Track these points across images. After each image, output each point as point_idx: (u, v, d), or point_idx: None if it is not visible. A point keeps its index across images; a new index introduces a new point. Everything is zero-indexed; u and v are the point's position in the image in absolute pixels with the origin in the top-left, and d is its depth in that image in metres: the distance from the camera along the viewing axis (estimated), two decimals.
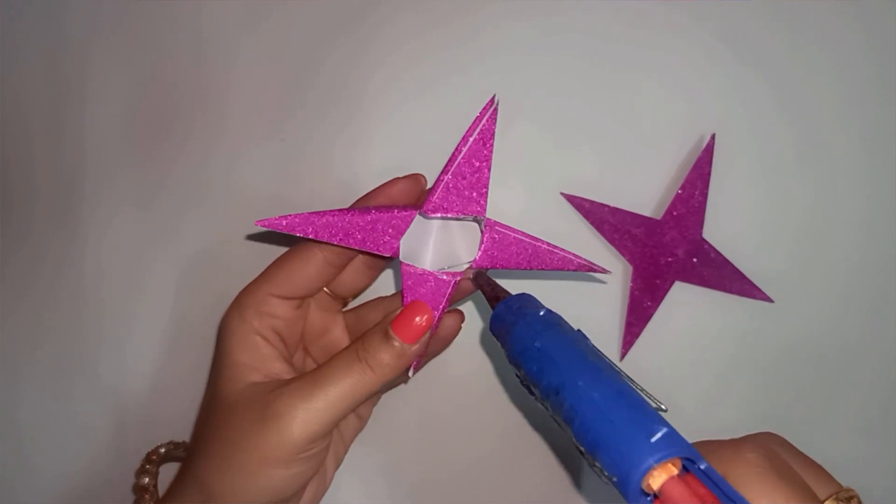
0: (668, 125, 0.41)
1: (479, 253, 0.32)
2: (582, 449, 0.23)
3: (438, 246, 0.33)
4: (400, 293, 0.35)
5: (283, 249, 0.41)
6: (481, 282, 0.32)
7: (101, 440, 0.42)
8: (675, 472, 0.21)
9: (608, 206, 0.39)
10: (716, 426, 0.38)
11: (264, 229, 0.41)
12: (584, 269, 0.33)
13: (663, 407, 0.25)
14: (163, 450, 0.35)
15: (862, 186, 0.41)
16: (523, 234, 0.33)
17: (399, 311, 0.31)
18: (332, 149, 0.42)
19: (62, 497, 0.42)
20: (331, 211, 0.31)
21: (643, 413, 0.22)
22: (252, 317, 0.32)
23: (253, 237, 0.42)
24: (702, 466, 0.21)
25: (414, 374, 0.33)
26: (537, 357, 0.26)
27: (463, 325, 0.34)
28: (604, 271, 0.34)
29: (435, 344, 0.34)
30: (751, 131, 0.41)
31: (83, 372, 0.42)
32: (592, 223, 0.40)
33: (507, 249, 0.33)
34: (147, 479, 0.32)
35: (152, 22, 0.42)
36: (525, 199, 0.41)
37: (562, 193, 0.40)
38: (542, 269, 0.33)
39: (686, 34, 0.41)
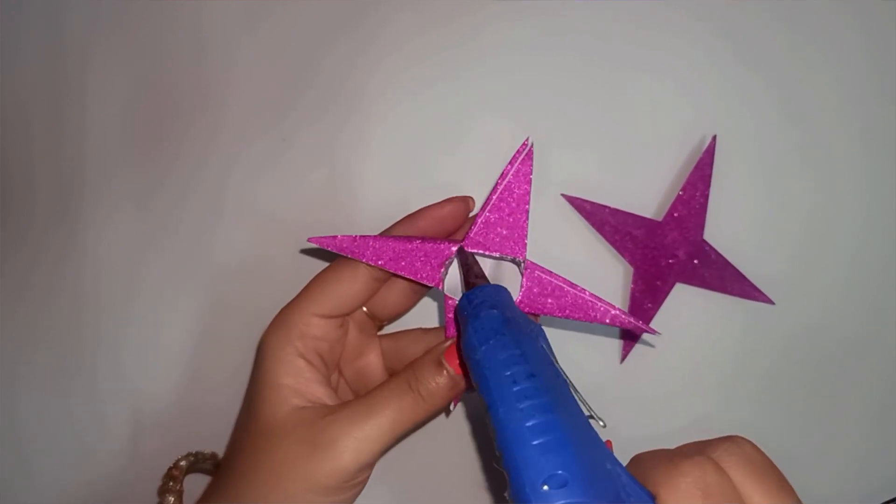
0: (669, 126, 0.41)
1: (519, 296, 0.32)
2: (500, 468, 0.23)
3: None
4: (442, 327, 0.35)
5: (284, 249, 0.41)
6: (459, 260, 0.32)
7: (100, 443, 0.42)
8: None
9: (609, 208, 0.39)
10: (717, 428, 0.38)
11: (264, 229, 0.41)
12: (627, 327, 0.32)
13: (601, 423, 0.25)
14: (183, 463, 0.34)
15: (862, 187, 0.41)
16: (564, 280, 0.32)
17: (451, 343, 0.31)
18: (332, 148, 0.42)
19: (62, 499, 0.42)
20: (380, 236, 0.32)
21: (549, 455, 0.22)
22: (296, 338, 0.32)
23: (252, 238, 0.42)
24: None
25: (454, 407, 0.33)
26: (476, 368, 0.25)
27: None
28: (652, 332, 0.33)
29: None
30: (751, 132, 0.41)
31: (82, 372, 0.42)
32: (593, 224, 0.40)
33: (547, 295, 0.32)
34: (172, 499, 0.31)
35: (152, 22, 0.42)
36: None
37: (562, 195, 0.40)
38: (583, 321, 0.32)
39: (687, 35, 0.41)
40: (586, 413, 0.25)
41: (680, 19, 0.40)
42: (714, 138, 0.39)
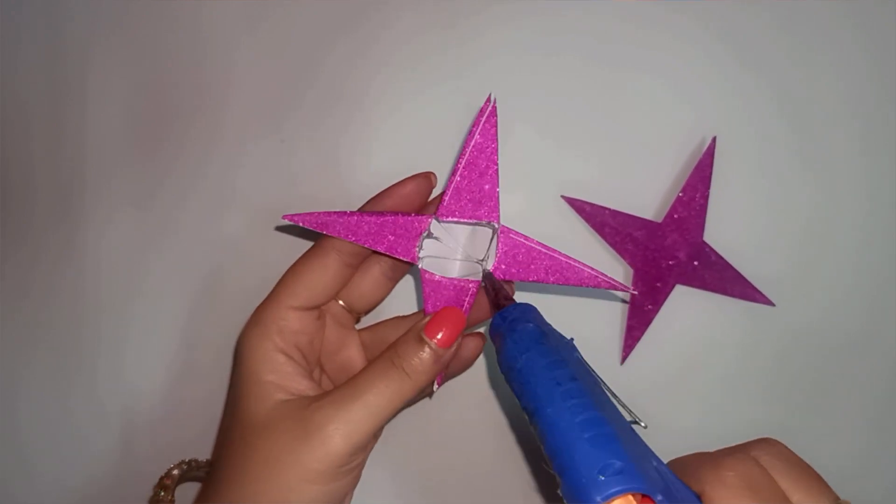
0: (670, 127, 0.41)
1: (496, 262, 0.32)
2: (551, 470, 0.24)
3: (458, 252, 0.33)
4: (420, 311, 0.35)
5: (283, 250, 0.41)
6: (487, 284, 0.32)
7: (100, 443, 0.42)
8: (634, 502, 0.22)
9: (609, 209, 0.39)
10: (718, 429, 0.38)
11: (264, 229, 0.41)
12: (603, 286, 0.33)
13: (642, 424, 0.25)
14: (176, 472, 0.34)
15: (862, 188, 0.41)
16: (539, 243, 0.32)
17: (430, 318, 0.31)
18: (332, 149, 0.42)
19: (61, 499, 0.42)
20: (359, 213, 0.32)
21: (602, 447, 0.23)
22: (274, 333, 0.32)
23: (252, 238, 0.42)
24: (657, 500, 0.22)
25: (438, 388, 0.33)
26: (518, 377, 0.26)
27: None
28: (626, 289, 0.33)
29: (457, 364, 0.34)
30: (751, 133, 0.41)
31: (81, 372, 0.42)
32: (593, 226, 0.40)
33: (523, 259, 0.32)
34: None
35: (152, 22, 0.42)
36: (526, 201, 0.41)
37: (562, 196, 0.40)
38: (560, 283, 0.32)
39: (687, 36, 0.41)
40: (627, 417, 0.26)
41: (680, 20, 0.41)
42: (714, 140, 0.39)
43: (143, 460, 0.41)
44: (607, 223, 0.39)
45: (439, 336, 0.30)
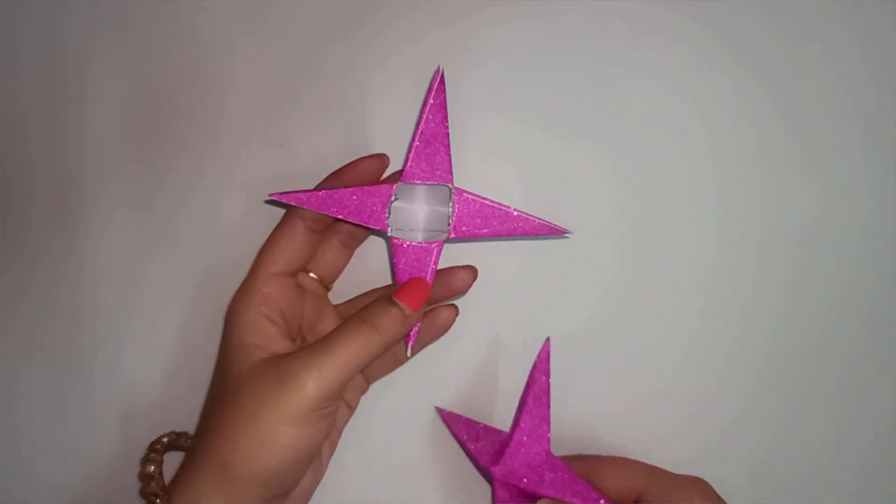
0: (670, 127, 0.41)
1: (453, 220, 0.36)
2: None
3: (421, 218, 0.37)
4: (393, 282, 0.39)
5: None
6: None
7: (98, 444, 0.42)
8: None
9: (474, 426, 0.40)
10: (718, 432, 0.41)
11: (263, 230, 0.42)
12: (544, 231, 0.36)
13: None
14: (165, 439, 0.36)
15: (864, 188, 0.41)
16: (490, 200, 0.36)
17: (401, 285, 0.35)
18: (331, 150, 0.42)
19: (58, 500, 0.42)
20: (335, 189, 0.35)
21: None
22: (258, 300, 0.35)
23: (251, 239, 0.41)
24: None
25: (412, 354, 0.37)
26: None
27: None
28: (562, 231, 0.36)
29: (430, 332, 0.38)
30: (752, 133, 0.41)
31: (79, 375, 0.42)
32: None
33: (477, 216, 0.36)
34: (153, 468, 0.33)
35: (152, 23, 0.43)
36: (523, 201, 0.40)
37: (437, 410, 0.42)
38: (511, 234, 0.36)
39: (687, 36, 0.41)
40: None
41: (680, 20, 0.41)
42: (548, 341, 0.40)
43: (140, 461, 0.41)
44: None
45: (407, 300, 0.34)
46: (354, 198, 0.35)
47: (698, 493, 0.35)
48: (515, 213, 0.36)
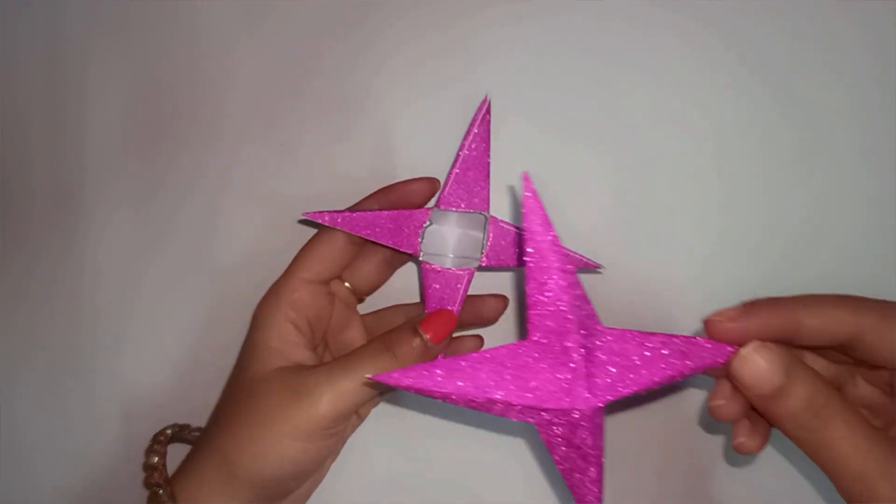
0: (670, 127, 0.41)
1: (487, 248, 0.36)
2: None
3: (454, 244, 0.37)
4: (420, 303, 0.38)
5: (282, 250, 0.40)
6: None
7: (99, 444, 0.42)
8: None
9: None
10: None
11: (262, 229, 0.42)
12: (580, 266, 0.36)
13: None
14: (169, 431, 0.36)
15: (864, 188, 0.40)
16: (520, 228, 0.35)
17: (427, 315, 0.34)
18: (331, 150, 0.42)
19: (59, 500, 0.42)
20: (363, 211, 0.35)
21: None
22: (287, 305, 0.35)
23: (251, 238, 0.42)
24: None
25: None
26: None
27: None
28: (595, 266, 0.36)
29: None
30: (752, 133, 0.41)
31: (80, 374, 0.42)
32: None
33: (512, 245, 0.36)
34: (156, 458, 0.34)
35: (152, 23, 0.43)
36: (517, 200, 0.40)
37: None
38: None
39: (687, 36, 0.41)
40: None
41: (680, 20, 0.41)
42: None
43: (141, 462, 0.40)
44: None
45: (431, 332, 0.33)
46: (389, 223, 0.35)
47: None
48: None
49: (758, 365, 0.27)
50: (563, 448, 0.28)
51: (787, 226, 0.41)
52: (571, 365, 0.27)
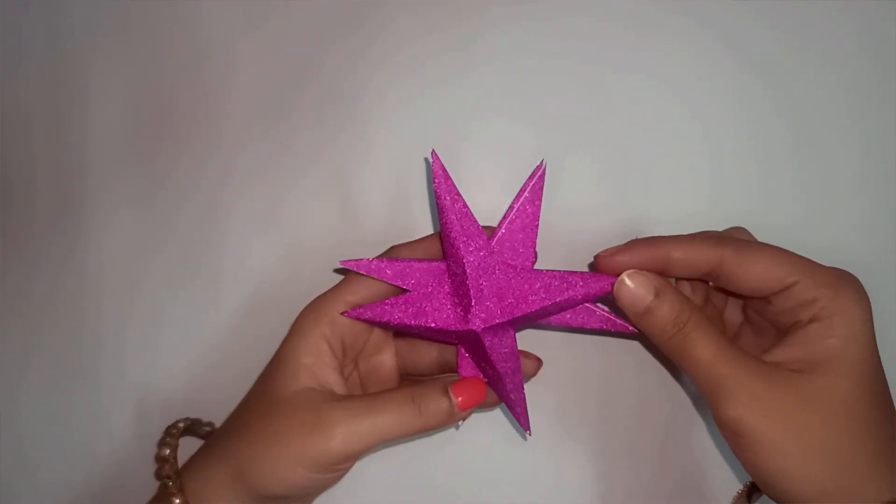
0: (670, 128, 0.41)
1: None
2: None
3: None
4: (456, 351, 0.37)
5: (282, 250, 0.42)
6: None
7: (102, 444, 0.42)
8: None
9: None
10: None
11: (263, 230, 0.42)
12: (609, 326, 0.35)
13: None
14: (181, 424, 0.36)
15: (863, 188, 0.41)
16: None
17: (461, 379, 0.34)
18: (330, 150, 0.42)
19: (64, 499, 0.42)
20: (399, 261, 0.35)
21: None
22: (326, 323, 0.34)
23: (251, 239, 0.42)
24: None
25: (462, 423, 0.37)
26: None
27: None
28: (627, 329, 0.35)
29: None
30: (752, 133, 0.41)
31: (84, 374, 0.42)
32: None
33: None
34: (168, 451, 0.33)
35: (152, 24, 0.43)
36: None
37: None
38: (580, 326, 0.35)
39: (687, 37, 0.41)
40: None
41: (679, 21, 0.41)
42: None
43: (145, 461, 0.41)
44: None
45: (461, 397, 0.33)
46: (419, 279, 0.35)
47: (855, 292, 0.31)
48: (592, 306, 0.35)
49: (630, 288, 0.32)
50: (482, 364, 0.34)
51: (784, 226, 0.40)
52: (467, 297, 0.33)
